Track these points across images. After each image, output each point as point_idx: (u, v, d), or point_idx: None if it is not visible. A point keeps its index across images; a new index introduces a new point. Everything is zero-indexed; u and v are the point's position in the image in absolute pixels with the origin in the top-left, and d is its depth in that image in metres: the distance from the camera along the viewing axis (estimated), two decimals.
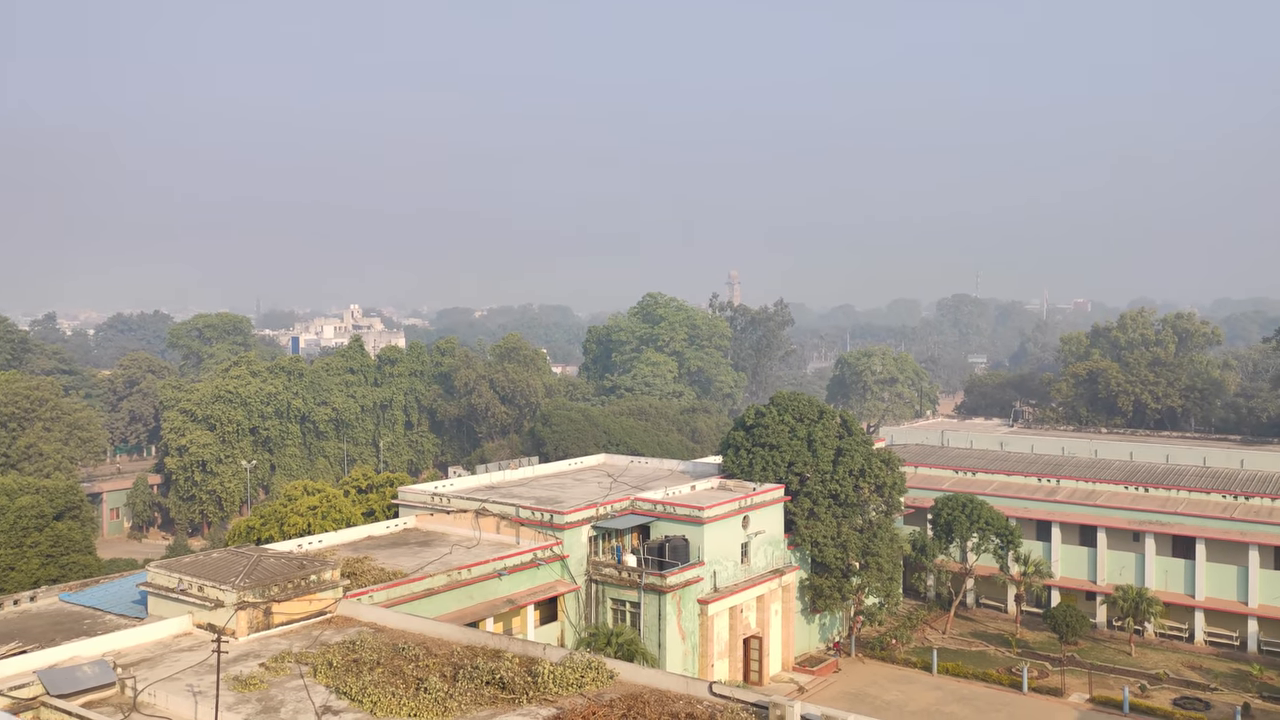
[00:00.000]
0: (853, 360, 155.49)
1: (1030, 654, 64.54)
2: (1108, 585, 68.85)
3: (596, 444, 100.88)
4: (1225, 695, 57.57)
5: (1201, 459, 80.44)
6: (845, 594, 63.73)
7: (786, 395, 67.92)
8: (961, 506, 68.44)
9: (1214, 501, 69.05)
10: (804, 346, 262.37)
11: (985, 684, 59.62)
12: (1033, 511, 73.04)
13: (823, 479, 63.62)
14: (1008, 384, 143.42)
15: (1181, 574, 67.93)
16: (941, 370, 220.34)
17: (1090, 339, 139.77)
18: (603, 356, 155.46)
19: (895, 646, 65.19)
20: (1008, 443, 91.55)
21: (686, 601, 55.36)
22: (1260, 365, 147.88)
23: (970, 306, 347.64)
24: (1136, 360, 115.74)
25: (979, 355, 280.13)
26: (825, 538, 62.68)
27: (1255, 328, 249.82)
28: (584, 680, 32.69)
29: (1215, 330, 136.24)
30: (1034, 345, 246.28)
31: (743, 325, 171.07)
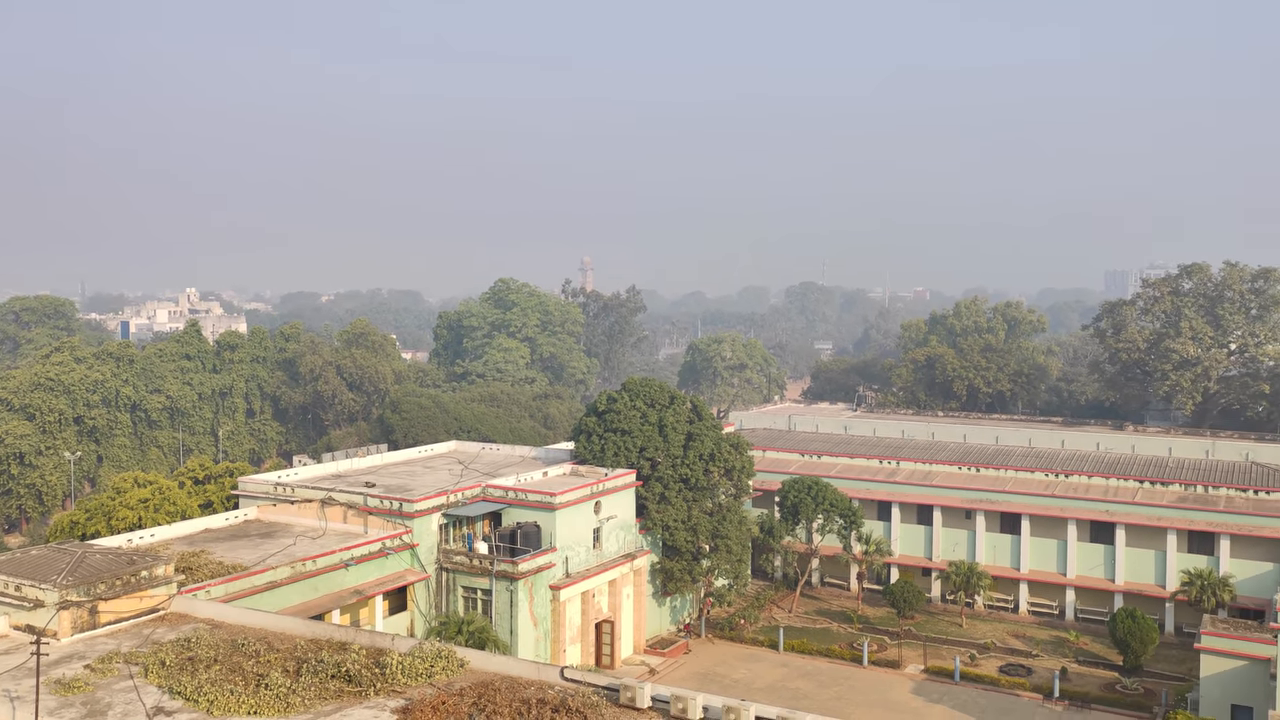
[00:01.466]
0: (704, 346, 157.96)
1: (871, 629, 67.10)
2: (942, 561, 72.16)
3: (447, 431, 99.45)
4: (1045, 661, 61.24)
5: (1028, 440, 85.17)
6: (696, 576, 64.80)
7: (638, 381, 68.44)
8: (807, 489, 70.46)
9: (1038, 480, 73.19)
10: (656, 333, 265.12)
11: (828, 659, 61.70)
12: (874, 492, 75.84)
13: (674, 464, 64.42)
14: (852, 369, 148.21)
15: (1008, 549, 71.80)
16: (789, 356, 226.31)
17: (928, 326, 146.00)
18: (454, 342, 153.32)
19: (744, 626, 66.71)
20: (851, 426, 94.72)
21: (538, 588, 55.23)
22: (1079, 351, 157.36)
23: (817, 294, 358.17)
24: (970, 346, 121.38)
25: (825, 341, 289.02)
26: (676, 521, 63.52)
27: (1075, 316, 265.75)
28: (434, 670, 32.20)
29: (1040, 318, 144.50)
30: (877, 332, 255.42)
31: (595, 311, 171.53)
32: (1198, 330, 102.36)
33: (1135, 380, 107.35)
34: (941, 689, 57.26)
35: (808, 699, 54.98)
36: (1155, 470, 72.49)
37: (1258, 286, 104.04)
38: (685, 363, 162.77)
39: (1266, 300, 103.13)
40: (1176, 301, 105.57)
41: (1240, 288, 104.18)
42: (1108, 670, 59.79)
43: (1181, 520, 66.67)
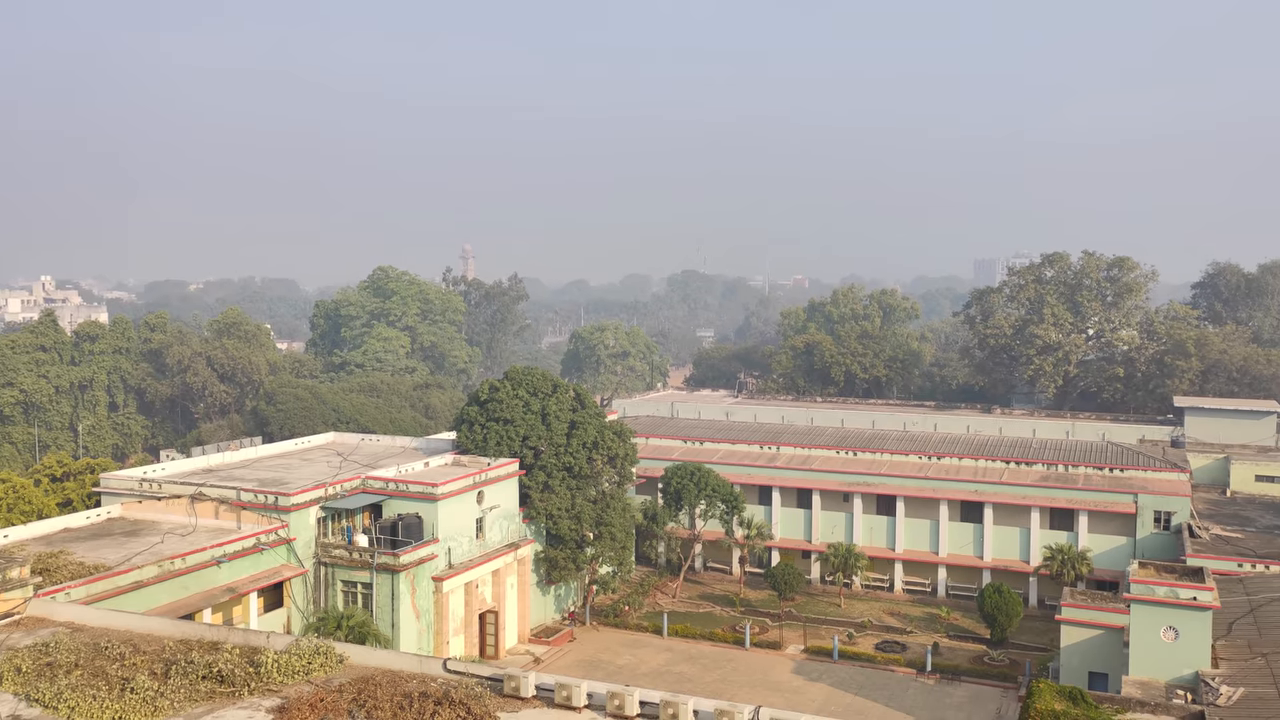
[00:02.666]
0: (586, 335, 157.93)
1: (753, 612, 68.25)
2: (822, 544, 73.84)
3: (325, 422, 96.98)
4: (919, 637, 63.35)
5: (902, 424, 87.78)
6: (580, 564, 64.78)
7: (521, 370, 67.96)
8: (690, 475, 71.14)
9: (912, 462, 75.50)
10: (539, 321, 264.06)
11: (712, 643, 62.53)
12: (756, 478, 77.07)
13: (557, 452, 64.21)
14: (733, 356, 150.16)
15: (884, 530, 73.94)
16: (671, 344, 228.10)
17: (807, 314, 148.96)
18: (331, 332, 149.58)
19: (628, 613, 67.05)
20: (733, 413, 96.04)
21: (421, 579, 54.38)
22: (951, 337, 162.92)
23: (699, 282, 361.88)
24: (847, 334, 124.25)
25: (707, 329, 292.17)
26: (560, 510, 63.37)
27: (947, 303, 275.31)
28: (311, 667, 31.34)
29: (914, 305, 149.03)
30: (757, 320, 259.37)
31: (477, 300, 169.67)
32: (1059, 317, 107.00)
33: (1002, 365, 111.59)
34: (821, 668, 58.67)
35: (691, 682, 55.61)
36: (1020, 451, 75.58)
37: (1113, 275, 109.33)
38: (568, 351, 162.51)
39: (1121, 288, 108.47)
40: (1039, 289, 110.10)
41: (1097, 276, 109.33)
42: (976, 643, 62.20)
43: (1044, 498, 69.73)
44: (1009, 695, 54.65)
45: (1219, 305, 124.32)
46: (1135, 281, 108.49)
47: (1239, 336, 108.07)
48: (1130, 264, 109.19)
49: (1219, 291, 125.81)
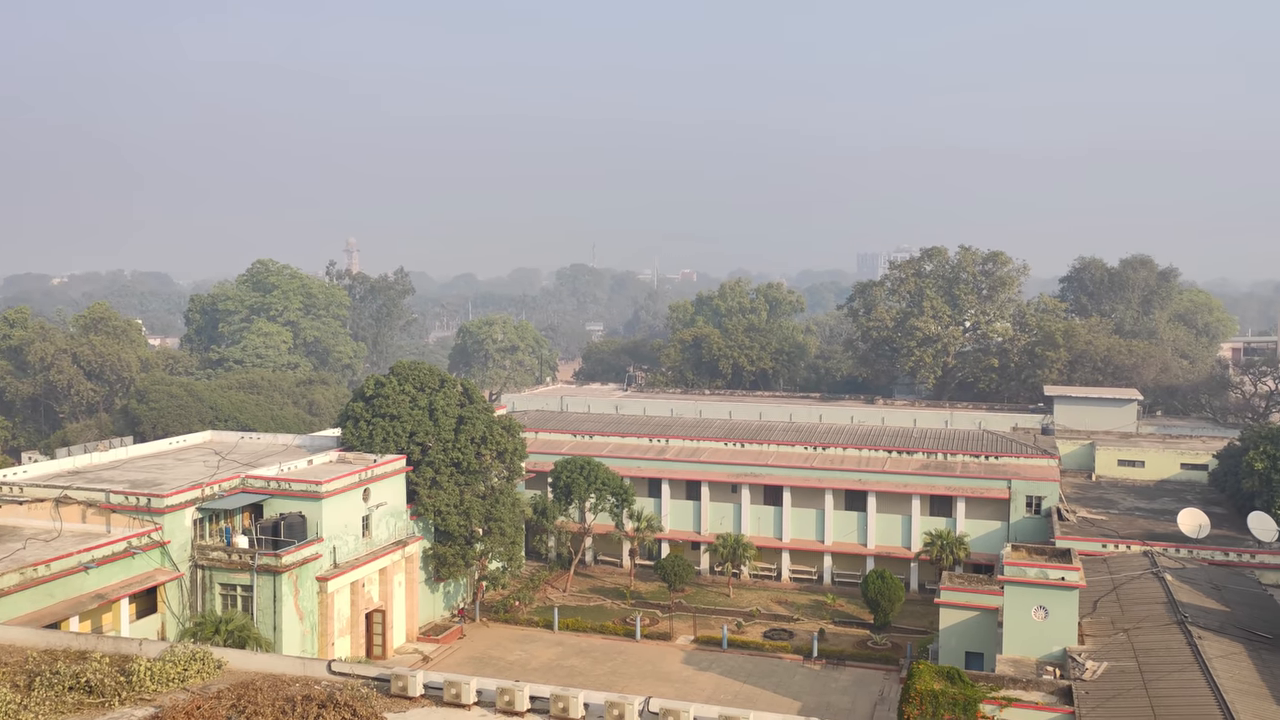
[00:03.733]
0: (474, 329, 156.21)
1: (643, 604, 68.60)
2: (710, 535, 74.65)
3: (202, 421, 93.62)
4: (805, 624, 64.66)
5: (788, 415, 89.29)
6: (469, 560, 64.11)
7: (407, 365, 66.82)
8: (580, 469, 71.05)
9: (798, 453, 76.88)
10: (426, 316, 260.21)
11: (603, 636, 62.63)
12: (645, 470, 77.46)
13: (445, 448, 63.36)
14: (622, 350, 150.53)
15: (772, 520, 75.16)
16: (561, 338, 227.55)
17: (695, 307, 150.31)
18: (208, 327, 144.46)
19: (519, 608, 66.64)
20: (623, 406, 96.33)
21: (304, 580, 53.01)
22: (835, 330, 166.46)
23: (588, 276, 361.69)
24: (735, 326, 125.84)
25: (596, 323, 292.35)
26: (448, 506, 62.56)
27: (831, 296, 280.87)
28: (187, 674, 30.22)
29: (799, 299, 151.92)
30: (646, 313, 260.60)
31: (362, 294, 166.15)
32: (938, 309, 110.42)
33: (884, 356, 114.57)
34: (711, 657, 59.34)
35: (582, 675, 55.60)
36: (902, 440, 77.72)
37: (987, 269, 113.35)
38: (456, 346, 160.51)
39: (995, 281, 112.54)
40: (919, 282, 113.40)
41: (973, 270, 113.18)
42: (861, 628, 63.79)
43: (924, 486, 71.89)
44: (891, 677, 56.22)
45: (1084, 298, 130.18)
46: (1008, 275, 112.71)
47: (1103, 328, 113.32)
48: (1004, 259, 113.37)
49: (1084, 285, 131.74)
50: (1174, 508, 66.69)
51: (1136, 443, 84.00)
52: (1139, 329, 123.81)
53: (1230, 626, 46.10)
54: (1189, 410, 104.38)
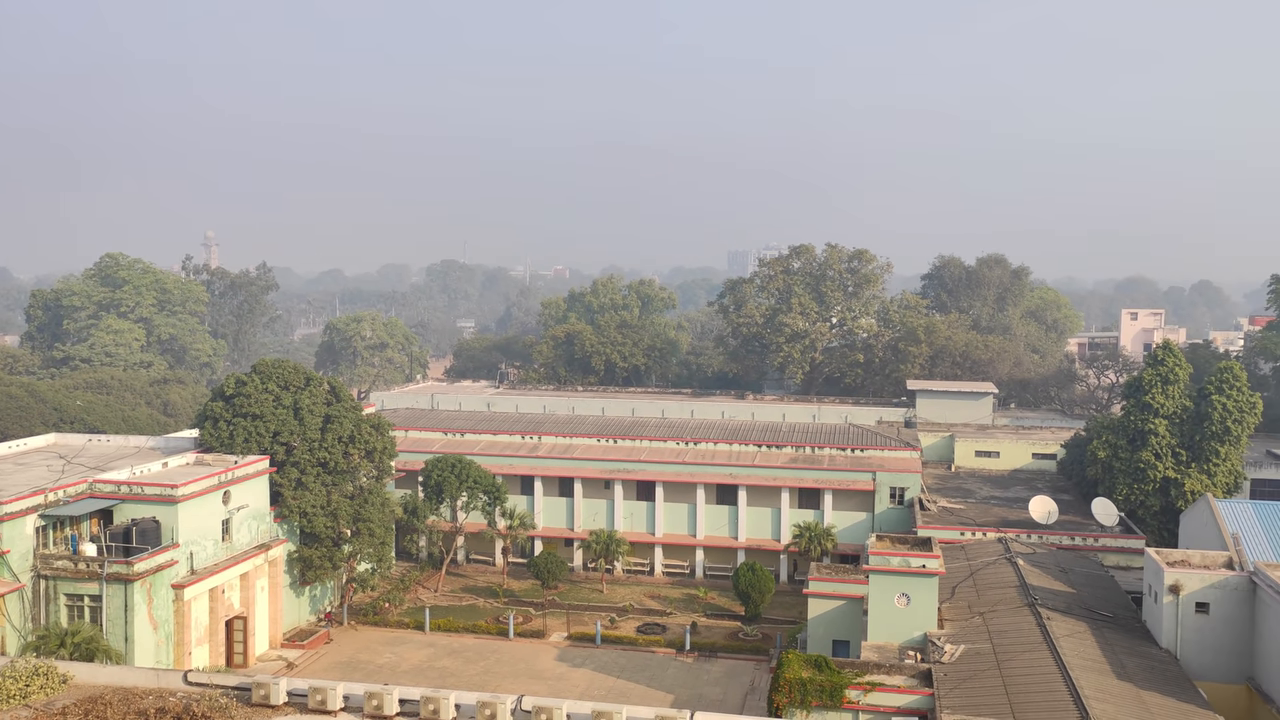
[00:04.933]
0: (342, 326, 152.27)
1: (517, 602, 68.06)
2: (584, 531, 74.60)
3: (45, 423, 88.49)
4: (678, 617, 65.23)
5: (661, 411, 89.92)
6: (337, 563, 62.44)
7: (270, 363, 64.61)
8: (451, 467, 70.02)
9: (670, 448, 77.53)
10: (291, 312, 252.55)
11: (475, 635, 61.88)
12: (517, 468, 76.87)
13: (311, 448, 61.54)
14: (494, 347, 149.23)
15: (644, 515, 75.57)
16: (432, 335, 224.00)
17: (568, 304, 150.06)
18: (52, 324, 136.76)
19: (389, 610, 65.27)
20: (495, 403, 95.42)
21: (158, 588, 50.69)
22: (706, 326, 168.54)
23: (459, 273, 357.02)
24: (607, 323, 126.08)
25: (468, 320, 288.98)
26: (315, 507, 60.79)
27: (703, 293, 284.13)
28: (29, 690, 28.47)
29: (671, 295, 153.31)
30: (518, 310, 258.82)
31: (221, 290, 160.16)
32: (805, 306, 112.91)
33: (754, 352, 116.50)
34: (585, 653, 59.29)
35: (455, 676, 54.83)
36: (771, 435, 79.18)
37: (853, 266, 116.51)
38: (323, 343, 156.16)
39: (860, 279, 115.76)
40: (787, 279, 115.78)
41: (839, 267, 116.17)
42: (732, 620, 64.72)
43: (793, 479, 73.39)
44: (762, 667, 57.22)
45: (944, 295, 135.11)
46: (873, 273, 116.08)
47: (961, 324, 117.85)
48: (869, 256, 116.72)
49: (944, 282, 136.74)
50: (1026, 496, 69.87)
51: (992, 434, 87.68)
52: (994, 325, 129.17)
53: (1076, 607, 48.53)
54: (1040, 402, 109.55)
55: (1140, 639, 45.65)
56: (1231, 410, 65.67)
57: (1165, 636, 44.72)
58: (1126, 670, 41.02)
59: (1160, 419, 67.27)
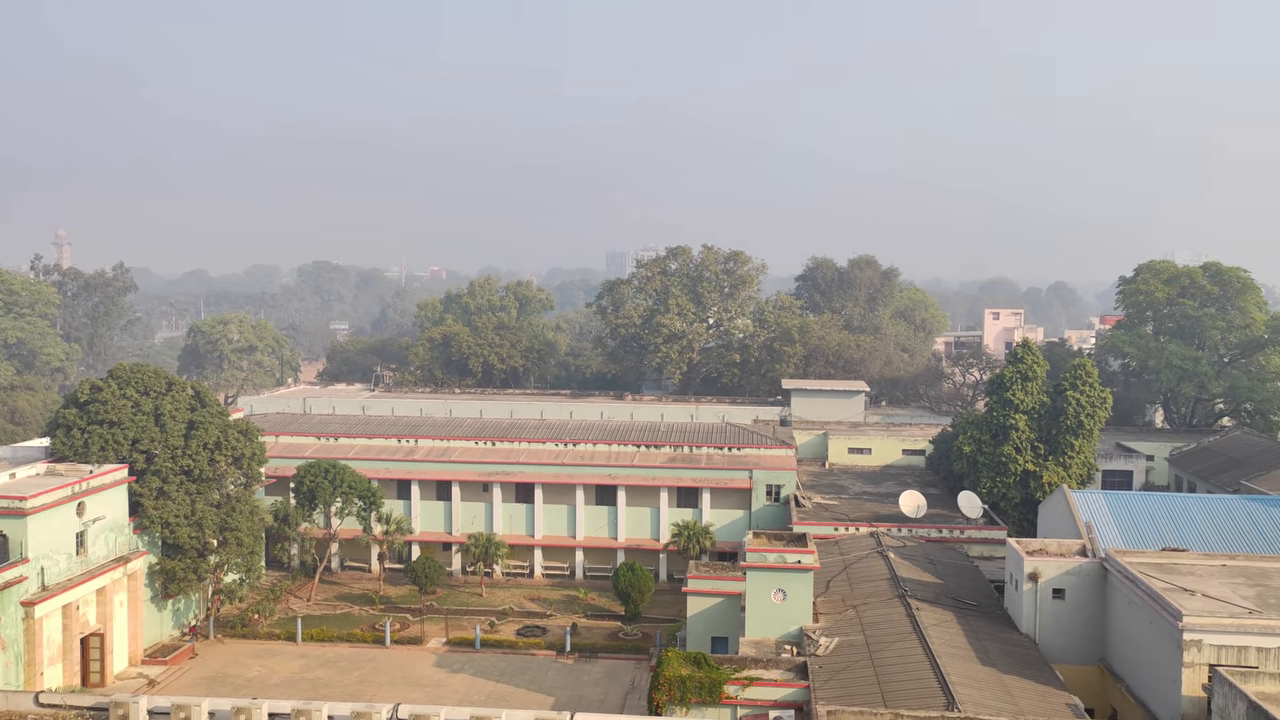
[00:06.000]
0: (207, 328, 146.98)
1: (393, 608, 66.70)
2: (463, 535, 73.59)
3: None
4: (558, 619, 64.97)
5: (540, 412, 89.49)
6: (202, 574, 60.05)
7: (129, 367, 61.75)
8: (324, 472, 68.22)
9: (549, 450, 77.15)
10: (151, 315, 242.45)
11: (350, 644, 60.38)
12: (394, 472, 75.39)
13: (173, 455, 59.05)
14: (369, 349, 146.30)
15: (524, 517, 75.02)
16: (304, 337, 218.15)
17: (444, 305, 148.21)
18: None
19: (258, 621, 63.12)
20: (370, 407, 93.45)
21: (6, 606, 47.86)
22: (585, 328, 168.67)
23: (332, 273, 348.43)
24: (485, 324, 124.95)
25: (341, 321, 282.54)
26: (178, 517, 58.32)
27: (581, 294, 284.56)
28: None
29: (549, 296, 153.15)
30: (394, 311, 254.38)
31: (74, 291, 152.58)
32: (683, 307, 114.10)
33: (633, 353, 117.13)
34: (464, 659, 58.49)
35: (329, 687, 53.38)
36: (650, 435, 79.62)
37: (729, 267, 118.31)
38: (186, 346, 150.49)
39: (736, 280, 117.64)
40: (665, 281, 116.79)
41: (715, 268, 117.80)
42: (612, 620, 64.80)
43: (672, 479, 73.92)
44: (642, 666, 57.43)
45: (817, 296, 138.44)
46: (748, 274, 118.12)
47: (834, 324, 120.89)
48: (744, 258, 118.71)
49: (817, 283, 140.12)
50: (897, 491, 72.06)
51: (864, 431, 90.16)
52: (865, 325, 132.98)
53: (943, 597, 50.25)
54: (909, 400, 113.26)
55: (1002, 625, 47.53)
56: (1084, 405, 69.00)
57: (1025, 622, 46.66)
58: (990, 656, 42.65)
59: (1020, 414, 70.23)
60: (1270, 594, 40.80)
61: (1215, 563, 45.26)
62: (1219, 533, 52.68)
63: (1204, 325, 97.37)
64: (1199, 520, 53.74)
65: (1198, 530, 52.83)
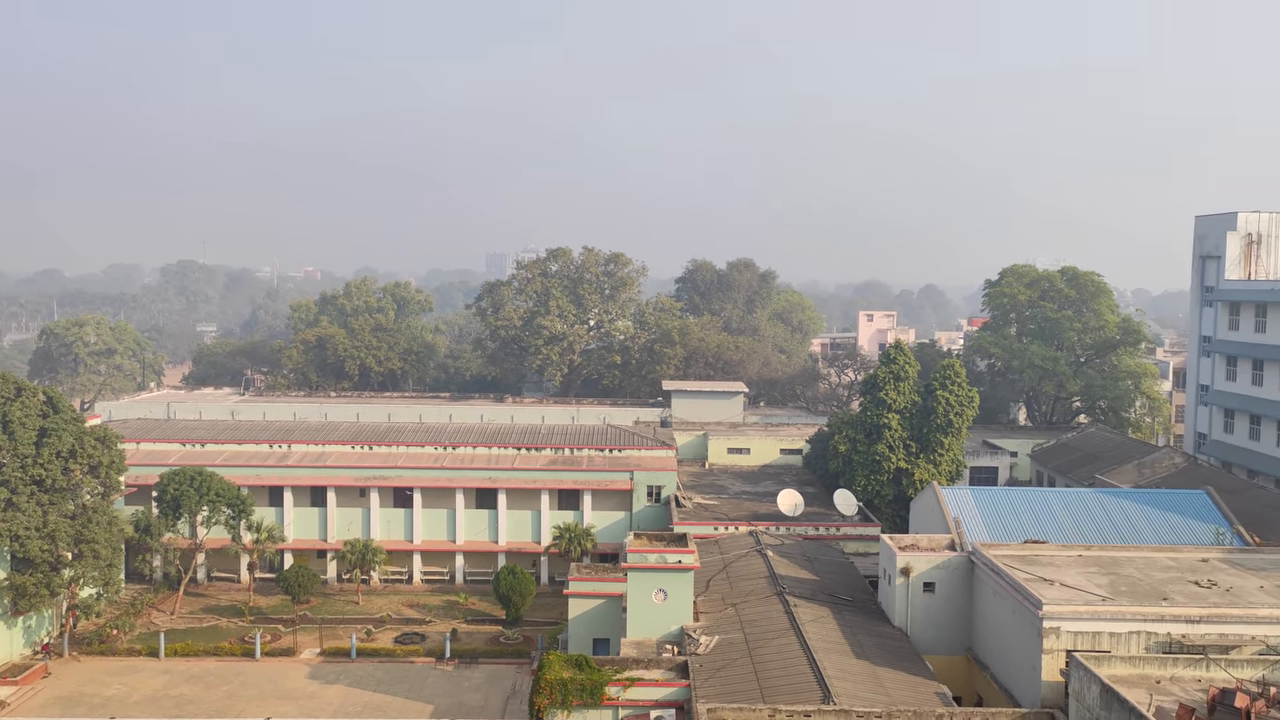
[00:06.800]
0: (60, 331, 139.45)
1: (264, 619, 64.48)
2: (338, 541, 71.70)
3: None
4: (438, 625, 63.88)
5: (418, 416, 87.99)
6: (55, 589, 56.90)
7: None
8: (190, 480, 65.56)
9: (428, 453, 75.81)
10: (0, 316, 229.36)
11: (218, 658, 58.11)
12: (265, 478, 72.97)
13: (23, 464, 55.86)
14: (239, 352, 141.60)
15: (402, 522, 73.53)
16: (168, 340, 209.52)
17: (319, 306, 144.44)
18: None
19: (117, 637, 60.19)
20: (239, 411, 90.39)
21: None
22: (464, 329, 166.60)
23: (198, 273, 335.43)
24: (361, 326, 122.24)
25: (209, 324, 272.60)
26: (28, 530, 55.13)
27: (460, 296, 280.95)
28: None
29: (428, 298, 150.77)
30: (265, 313, 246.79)
31: None
32: (563, 309, 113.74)
33: (513, 355, 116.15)
34: (339, 669, 56.96)
35: (194, 703, 51.22)
36: (531, 437, 79.05)
37: (610, 269, 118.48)
38: (38, 349, 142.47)
39: (617, 281, 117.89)
40: (545, 282, 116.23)
41: (596, 270, 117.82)
42: (494, 625, 64.06)
43: (553, 481, 73.53)
44: (523, 670, 56.92)
45: (697, 298, 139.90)
46: (629, 276, 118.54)
47: (713, 326, 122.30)
48: (624, 259, 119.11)
49: (697, 286, 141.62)
50: (775, 490, 73.25)
51: (743, 432, 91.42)
52: (744, 326, 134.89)
53: (820, 593, 51.27)
54: (787, 400, 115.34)
55: (876, 619, 48.76)
56: (954, 404, 71.42)
57: (898, 615, 47.97)
58: (864, 649, 43.69)
59: (893, 414, 72.24)
60: (1122, 582, 42.88)
61: (1072, 553, 47.36)
62: (1076, 525, 55.17)
63: (1062, 327, 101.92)
64: (1058, 513, 56.18)
65: (1057, 523, 55.22)
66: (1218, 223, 79.39)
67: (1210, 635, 38.40)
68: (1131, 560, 46.41)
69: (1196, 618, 38.73)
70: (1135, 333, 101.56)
